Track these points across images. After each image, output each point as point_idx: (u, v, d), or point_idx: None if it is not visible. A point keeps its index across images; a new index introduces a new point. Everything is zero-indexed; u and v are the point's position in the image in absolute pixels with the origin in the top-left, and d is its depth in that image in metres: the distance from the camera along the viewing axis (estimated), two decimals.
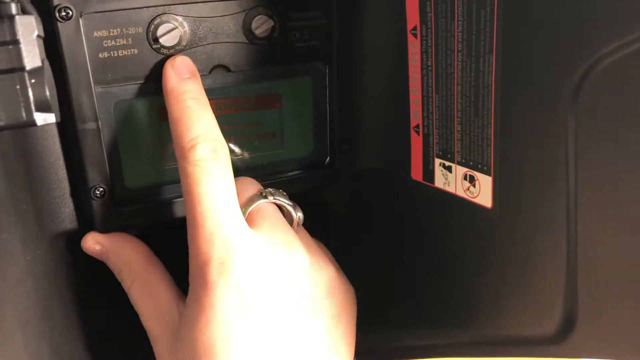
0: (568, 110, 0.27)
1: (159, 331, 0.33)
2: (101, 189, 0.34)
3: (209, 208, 0.30)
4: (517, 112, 0.31)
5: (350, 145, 0.40)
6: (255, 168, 0.39)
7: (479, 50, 0.32)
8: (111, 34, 0.32)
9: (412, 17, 0.36)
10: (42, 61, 0.26)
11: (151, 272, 0.35)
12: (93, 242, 0.35)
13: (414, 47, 0.37)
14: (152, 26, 0.33)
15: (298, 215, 0.36)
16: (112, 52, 0.32)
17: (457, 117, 0.35)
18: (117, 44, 0.32)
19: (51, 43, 0.30)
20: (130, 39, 0.33)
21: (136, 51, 0.33)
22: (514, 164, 0.32)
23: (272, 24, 0.35)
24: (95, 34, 0.32)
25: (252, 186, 0.35)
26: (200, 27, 0.34)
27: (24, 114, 0.26)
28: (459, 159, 0.35)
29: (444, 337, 0.38)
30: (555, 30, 0.27)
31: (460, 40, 0.33)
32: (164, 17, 0.33)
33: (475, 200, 0.35)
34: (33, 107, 0.26)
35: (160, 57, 0.34)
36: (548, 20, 0.28)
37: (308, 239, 0.36)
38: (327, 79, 0.39)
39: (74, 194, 0.35)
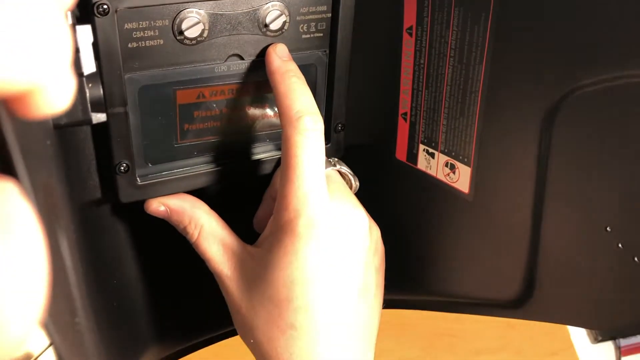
0: (544, 126, 0.33)
1: (230, 272, 0.39)
2: (125, 164, 0.37)
3: (306, 172, 0.37)
4: (499, 118, 0.36)
5: (344, 124, 0.45)
6: (262, 144, 0.43)
7: (470, 60, 0.37)
8: (141, 26, 0.35)
9: (409, 18, 0.40)
10: (97, 66, 0.29)
11: (214, 222, 0.40)
12: (157, 204, 0.40)
13: (408, 45, 0.41)
14: (178, 19, 0.35)
15: (356, 183, 0.43)
16: (140, 43, 0.35)
17: (444, 113, 0.40)
18: (146, 35, 0.35)
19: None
20: (157, 31, 0.35)
21: (162, 42, 0.36)
22: (492, 159, 0.37)
23: (285, 19, 0.38)
24: (126, 26, 0.34)
25: None
26: (220, 20, 0.37)
27: (81, 115, 0.29)
28: (442, 149, 0.41)
29: (420, 293, 0.45)
30: (541, 55, 0.32)
31: (453, 47, 0.37)
32: (188, 12, 0.35)
33: (454, 185, 0.40)
34: (89, 108, 0.29)
35: (182, 47, 0.36)
36: (536, 44, 0.33)
37: (360, 203, 0.42)
38: (327, 66, 0.42)
39: (100, 168, 0.38)
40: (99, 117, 0.30)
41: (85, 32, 0.29)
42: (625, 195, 0.30)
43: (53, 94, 0.13)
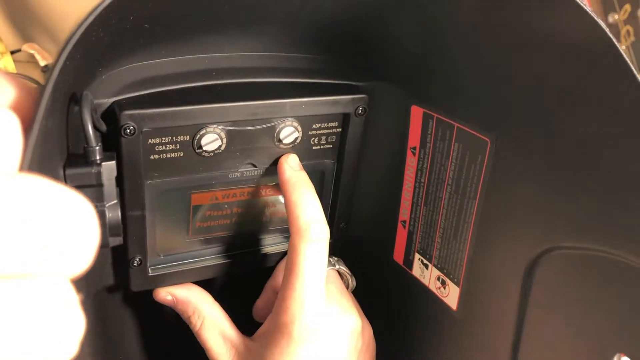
0: (525, 275, 0.35)
1: None
2: (138, 259, 0.41)
3: (307, 280, 0.39)
4: (487, 254, 0.38)
5: (346, 224, 0.48)
6: (268, 239, 0.46)
7: (465, 193, 0.39)
8: (163, 141, 0.38)
9: (414, 138, 0.43)
10: (117, 195, 0.32)
11: (216, 314, 0.43)
12: (165, 294, 0.43)
13: (411, 162, 0.43)
14: (198, 136, 0.38)
15: (353, 282, 0.46)
16: (161, 155, 0.38)
17: (439, 232, 0.42)
18: (167, 149, 0.38)
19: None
20: (178, 145, 0.38)
21: (182, 154, 0.39)
22: (479, 288, 0.40)
23: (297, 135, 0.41)
24: (150, 141, 0.37)
25: None
26: (237, 136, 0.40)
27: (101, 240, 0.32)
28: (435, 263, 0.43)
29: None
30: (528, 210, 0.35)
31: (451, 177, 0.40)
32: (208, 129, 0.38)
33: (444, 299, 0.43)
34: (108, 234, 0.32)
35: (200, 158, 0.39)
36: (524, 200, 0.35)
37: (355, 302, 0.45)
38: (334, 172, 0.45)
39: (114, 259, 0.41)
40: (116, 241, 0.33)
41: (109, 168, 0.32)
42: (592, 354, 0.32)
43: None
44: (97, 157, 0.32)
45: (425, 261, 0.44)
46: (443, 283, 0.43)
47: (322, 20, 0.38)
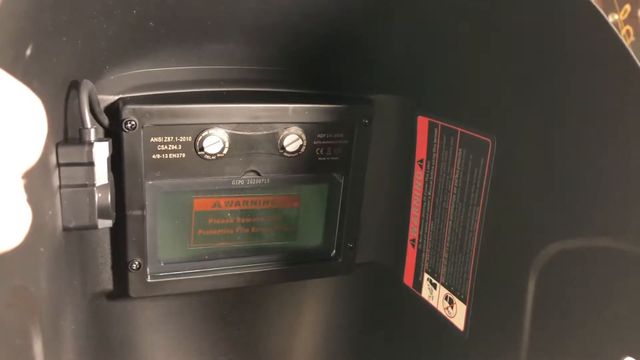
0: (528, 281, 0.33)
1: None
2: (137, 262, 0.40)
3: None
4: (491, 261, 0.36)
5: (354, 244, 0.46)
6: (272, 254, 0.45)
7: (469, 200, 0.37)
8: (165, 141, 0.38)
9: (420, 150, 0.42)
10: (109, 178, 0.33)
11: None
12: None
13: (418, 176, 0.42)
14: (200, 137, 0.39)
15: None
16: (163, 155, 0.39)
17: (446, 246, 0.40)
18: (169, 148, 0.39)
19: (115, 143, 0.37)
20: (180, 145, 0.39)
21: (184, 155, 0.39)
22: (485, 301, 0.37)
23: (301, 142, 0.41)
24: (152, 139, 0.38)
25: None
26: (240, 140, 0.40)
27: (88, 220, 0.32)
28: (443, 281, 0.41)
29: None
30: (527, 212, 0.33)
31: (456, 185, 0.39)
32: (211, 131, 0.39)
33: (452, 320, 0.40)
34: (96, 215, 0.32)
35: (202, 161, 0.40)
36: (524, 201, 0.33)
37: None
38: (342, 187, 0.44)
39: (114, 263, 0.41)
40: (105, 223, 0.33)
41: (101, 148, 0.32)
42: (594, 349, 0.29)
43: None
44: (91, 138, 0.32)
45: (433, 280, 0.42)
46: (450, 302, 0.40)
47: (326, 35, 0.39)
